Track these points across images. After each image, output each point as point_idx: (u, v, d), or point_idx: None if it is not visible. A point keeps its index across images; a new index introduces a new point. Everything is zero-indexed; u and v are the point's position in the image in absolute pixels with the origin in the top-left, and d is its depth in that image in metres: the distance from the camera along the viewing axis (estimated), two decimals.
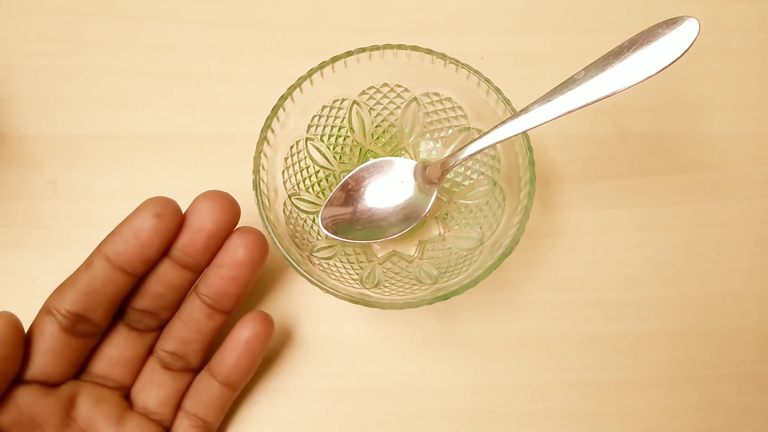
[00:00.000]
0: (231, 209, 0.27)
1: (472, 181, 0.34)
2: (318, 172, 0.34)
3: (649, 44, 0.25)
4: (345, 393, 0.33)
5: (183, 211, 0.27)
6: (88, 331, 0.27)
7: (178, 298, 0.28)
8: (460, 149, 0.29)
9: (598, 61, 0.26)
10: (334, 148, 0.34)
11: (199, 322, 0.28)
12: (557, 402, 0.33)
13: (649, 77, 0.24)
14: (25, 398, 0.26)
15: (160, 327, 0.29)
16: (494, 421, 0.33)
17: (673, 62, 0.24)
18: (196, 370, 0.30)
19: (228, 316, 0.29)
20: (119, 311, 0.28)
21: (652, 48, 0.24)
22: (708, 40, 0.35)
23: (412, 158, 0.34)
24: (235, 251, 0.27)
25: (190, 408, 0.29)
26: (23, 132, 0.36)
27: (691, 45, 0.24)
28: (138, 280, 0.27)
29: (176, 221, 0.26)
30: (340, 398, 0.33)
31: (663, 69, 0.24)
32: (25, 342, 0.26)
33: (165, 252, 0.27)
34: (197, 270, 0.28)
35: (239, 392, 0.30)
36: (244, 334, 0.28)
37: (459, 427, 0.33)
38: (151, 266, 0.27)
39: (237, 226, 0.28)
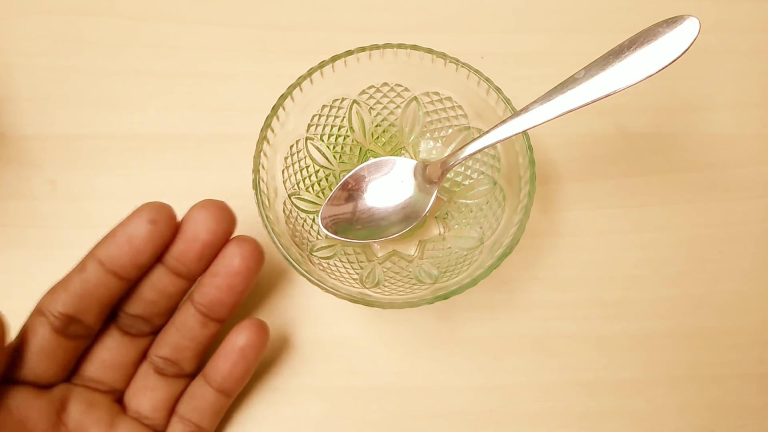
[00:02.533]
0: (227, 219, 0.27)
1: (472, 181, 0.34)
2: (318, 171, 0.34)
3: (650, 43, 0.24)
4: (345, 393, 0.33)
5: (178, 217, 0.27)
6: (80, 333, 0.27)
7: (172, 305, 0.28)
8: (460, 148, 0.29)
9: (598, 61, 0.25)
10: (334, 147, 0.34)
11: (193, 330, 0.28)
12: (558, 402, 0.33)
13: (650, 76, 0.24)
14: (16, 399, 0.25)
15: (154, 332, 0.29)
16: (494, 421, 0.33)
17: (673, 61, 0.24)
18: (189, 376, 0.30)
19: (222, 324, 0.29)
20: (112, 315, 0.28)
21: (652, 47, 0.24)
22: (708, 39, 0.35)
23: (412, 158, 0.34)
24: (231, 260, 0.27)
25: (184, 413, 0.29)
26: (23, 132, 0.36)
27: (691, 44, 0.24)
28: (131, 285, 0.27)
29: (171, 228, 0.26)
30: (340, 398, 0.33)
31: (663, 68, 0.24)
32: (8, 341, 0.25)
33: (159, 258, 0.27)
34: (191, 278, 0.28)
35: (234, 398, 0.30)
36: (238, 341, 0.28)
37: (459, 427, 0.33)
38: (144, 272, 0.27)
39: (234, 234, 0.28)
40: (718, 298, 0.35)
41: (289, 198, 0.32)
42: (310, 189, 0.33)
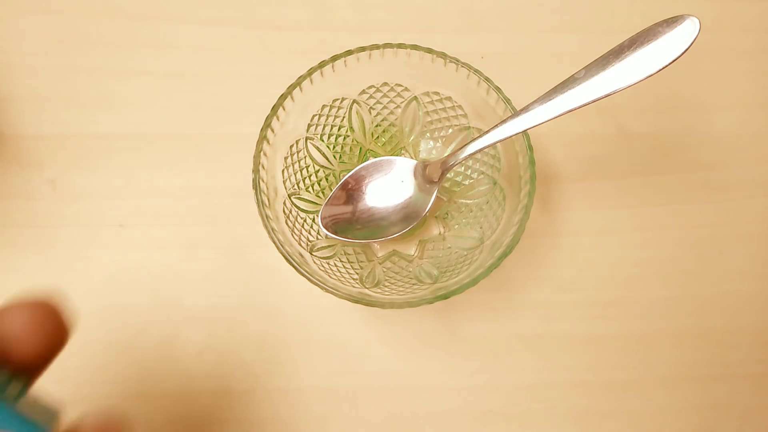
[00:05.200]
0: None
1: (472, 181, 0.34)
2: (318, 171, 0.34)
3: (650, 43, 0.24)
4: (345, 393, 0.33)
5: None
6: None
7: None
8: (460, 148, 0.29)
9: (598, 60, 0.25)
10: (333, 147, 0.34)
11: None
12: (557, 402, 0.33)
13: (650, 76, 0.24)
14: None
15: None
16: (494, 421, 0.33)
17: (673, 61, 0.24)
18: None
19: None
20: None
21: (652, 47, 0.24)
22: (708, 39, 0.35)
23: (412, 157, 0.34)
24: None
25: None
26: (22, 131, 0.36)
27: (691, 44, 0.24)
28: None
29: None
30: (340, 398, 0.33)
31: (663, 68, 0.24)
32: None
33: None
34: None
35: None
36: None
37: (459, 427, 0.33)
38: None
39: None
40: (718, 298, 0.35)
41: (289, 198, 0.32)
42: (310, 189, 0.33)
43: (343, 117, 0.33)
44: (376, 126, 0.34)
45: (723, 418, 0.33)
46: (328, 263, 0.31)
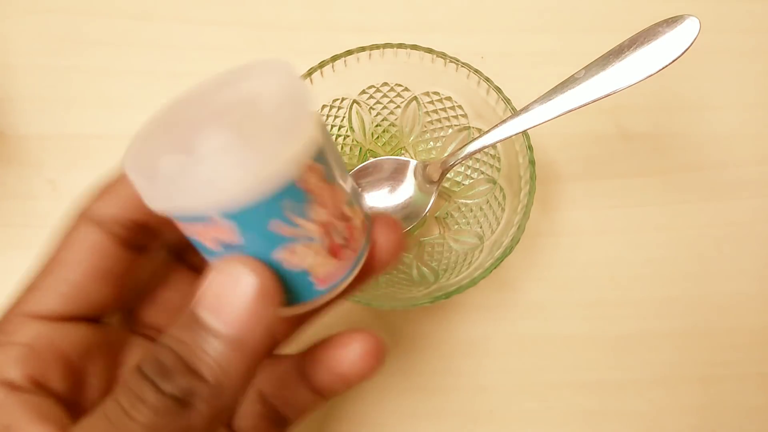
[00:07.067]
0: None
1: (472, 181, 0.34)
2: None
3: (650, 43, 0.25)
4: (345, 393, 0.33)
5: None
6: (147, 245, 0.21)
7: None
8: (460, 148, 0.29)
9: (598, 60, 0.26)
10: None
11: None
12: (557, 402, 0.33)
13: (650, 76, 0.24)
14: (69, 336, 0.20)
15: None
16: (494, 421, 0.33)
17: (673, 61, 0.24)
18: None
19: None
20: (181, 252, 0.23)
21: (652, 46, 0.24)
22: (708, 39, 0.35)
23: (412, 158, 0.34)
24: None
25: (269, 396, 0.24)
26: (23, 131, 0.36)
27: (691, 44, 0.24)
28: None
29: None
30: (341, 398, 0.33)
31: (663, 68, 0.24)
32: None
33: None
34: None
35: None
36: (350, 356, 0.24)
37: (459, 427, 0.33)
38: None
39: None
40: (718, 298, 0.35)
41: None
42: None
43: (343, 117, 0.33)
44: (376, 126, 0.34)
45: (723, 418, 0.33)
46: None
